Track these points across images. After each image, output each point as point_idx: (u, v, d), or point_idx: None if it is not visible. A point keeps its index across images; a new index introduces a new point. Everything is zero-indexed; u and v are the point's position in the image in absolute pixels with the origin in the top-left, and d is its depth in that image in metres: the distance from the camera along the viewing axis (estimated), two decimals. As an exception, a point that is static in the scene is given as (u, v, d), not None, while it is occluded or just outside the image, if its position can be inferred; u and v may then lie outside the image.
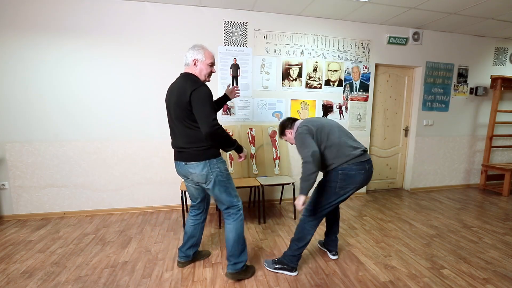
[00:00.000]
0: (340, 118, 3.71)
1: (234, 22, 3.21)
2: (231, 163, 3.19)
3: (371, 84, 3.76)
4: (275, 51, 3.37)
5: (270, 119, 3.47)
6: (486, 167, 4.19)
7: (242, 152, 1.91)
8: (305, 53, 3.47)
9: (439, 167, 4.28)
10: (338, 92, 3.66)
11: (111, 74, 3.02)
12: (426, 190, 4.25)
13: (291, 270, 2.03)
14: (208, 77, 1.85)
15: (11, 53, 2.79)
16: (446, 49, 3.96)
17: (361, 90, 3.74)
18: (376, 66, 3.81)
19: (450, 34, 3.94)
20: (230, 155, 3.19)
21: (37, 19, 2.79)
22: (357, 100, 3.74)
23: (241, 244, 1.90)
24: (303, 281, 1.95)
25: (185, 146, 1.76)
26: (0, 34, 2.74)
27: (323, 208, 1.97)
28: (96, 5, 2.88)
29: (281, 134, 2.19)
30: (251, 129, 3.33)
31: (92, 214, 3.16)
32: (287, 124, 2.13)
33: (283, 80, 3.45)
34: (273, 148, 3.36)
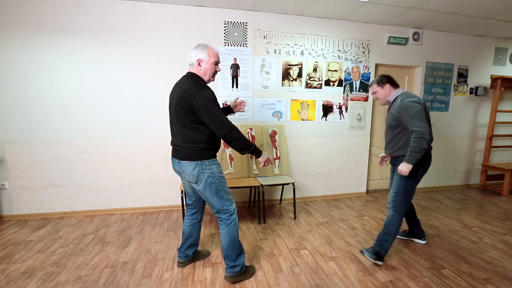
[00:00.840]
0: (340, 118, 3.71)
1: (234, 22, 3.21)
2: (231, 163, 3.19)
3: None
4: (275, 51, 3.37)
5: (270, 119, 3.47)
6: (486, 167, 4.19)
7: (261, 157, 1.87)
8: (305, 53, 3.47)
9: (439, 167, 4.28)
10: (338, 92, 3.66)
11: (111, 74, 3.02)
12: (426, 190, 4.25)
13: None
14: (213, 76, 1.84)
15: (11, 53, 2.79)
16: (446, 49, 3.96)
17: (361, 90, 3.74)
18: (376, 66, 3.81)
19: (450, 34, 3.94)
20: (230, 155, 3.20)
21: (37, 19, 2.79)
22: (357, 100, 3.74)
23: (237, 248, 1.89)
24: (303, 281, 1.95)
25: (181, 145, 1.79)
26: (0, 34, 2.75)
27: (411, 196, 2.16)
28: (96, 5, 2.88)
29: (378, 83, 2.21)
30: (251, 129, 3.33)
31: (92, 214, 3.16)
32: (385, 81, 2.18)
33: (283, 80, 3.45)
34: (273, 148, 3.36)
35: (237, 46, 3.26)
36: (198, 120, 1.70)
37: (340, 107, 3.69)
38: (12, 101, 2.86)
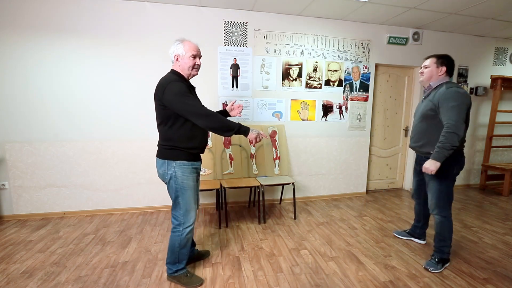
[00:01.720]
0: (340, 118, 3.71)
1: (234, 22, 3.21)
2: (231, 163, 3.19)
3: (371, 84, 3.76)
4: (275, 51, 3.37)
5: (270, 119, 3.47)
6: (486, 167, 4.19)
7: (250, 133, 1.76)
8: (305, 53, 3.47)
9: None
10: (338, 92, 3.66)
11: (111, 74, 3.02)
12: (426, 190, 4.25)
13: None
14: (193, 70, 1.79)
15: (11, 53, 2.79)
16: (446, 49, 3.96)
17: (361, 90, 3.74)
18: (376, 66, 3.81)
19: (450, 34, 3.94)
20: (230, 155, 3.19)
21: (37, 19, 2.79)
22: (357, 100, 3.74)
23: (175, 256, 1.86)
24: (303, 281, 1.95)
25: (159, 142, 1.83)
26: (0, 34, 2.74)
27: (452, 198, 1.99)
28: (96, 5, 2.88)
29: (437, 60, 1.95)
30: (251, 129, 3.32)
31: (92, 214, 3.16)
32: (446, 62, 1.94)
33: (283, 80, 3.45)
34: (273, 148, 3.36)
35: (237, 46, 3.26)
36: (169, 116, 1.70)
37: (340, 107, 3.69)
38: (12, 101, 2.86)
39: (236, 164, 3.20)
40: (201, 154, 1.92)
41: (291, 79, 3.48)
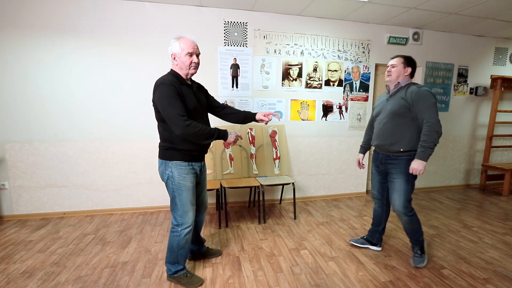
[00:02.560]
0: (340, 118, 3.71)
1: (234, 22, 3.21)
2: (231, 163, 3.19)
3: (371, 84, 3.76)
4: (275, 51, 3.37)
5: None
6: (486, 167, 4.19)
7: (229, 138, 1.78)
8: (305, 53, 3.47)
9: (439, 167, 4.28)
10: (338, 92, 3.66)
11: (111, 74, 3.01)
12: (426, 190, 4.25)
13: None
14: (191, 69, 1.74)
15: (11, 53, 2.79)
16: (446, 49, 3.96)
17: (361, 90, 3.74)
18: (376, 66, 3.81)
19: (450, 34, 3.94)
20: (230, 155, 3.19)
21: (37, 19, 2.79)
22: (357, 100, 3.74)
23: (174, 256, 1.86)
24: (303, 281, 1.95)
25: (159, 142, 1.84)
26: (0, 34, 2.74)
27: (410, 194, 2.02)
28: (96, 5, 2.88)
29: (404, 61, 1.98)
30: (251, 129, 3.32)
31: (92, 214, 3.16)
32: (411, 64, 1.98)
33: (283, 80, 3.45)
34: (273, 148, 3.36)
35: (237, 46, 3.26)
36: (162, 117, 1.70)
37: (340, 107, 3.69)
38: (12, 101, 2.86)
39: (236, 164, 3.20)
40: (205, 155, 1.92)
41: (291, 79, 3.48)
